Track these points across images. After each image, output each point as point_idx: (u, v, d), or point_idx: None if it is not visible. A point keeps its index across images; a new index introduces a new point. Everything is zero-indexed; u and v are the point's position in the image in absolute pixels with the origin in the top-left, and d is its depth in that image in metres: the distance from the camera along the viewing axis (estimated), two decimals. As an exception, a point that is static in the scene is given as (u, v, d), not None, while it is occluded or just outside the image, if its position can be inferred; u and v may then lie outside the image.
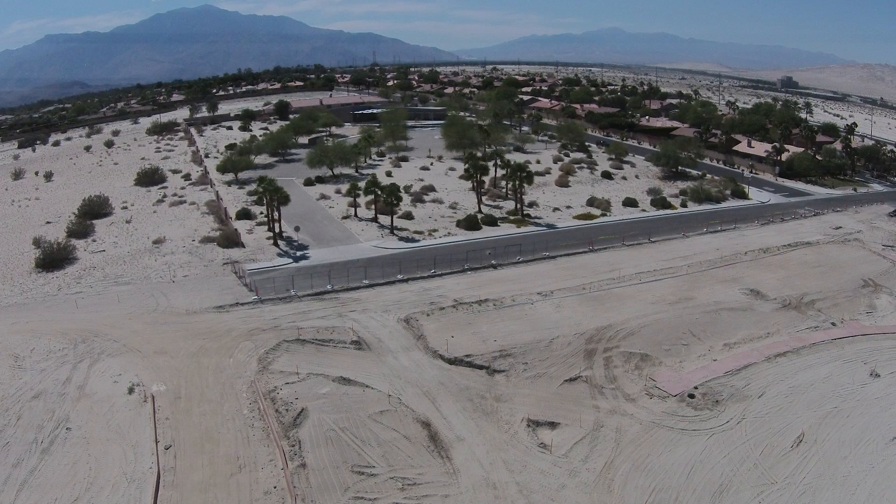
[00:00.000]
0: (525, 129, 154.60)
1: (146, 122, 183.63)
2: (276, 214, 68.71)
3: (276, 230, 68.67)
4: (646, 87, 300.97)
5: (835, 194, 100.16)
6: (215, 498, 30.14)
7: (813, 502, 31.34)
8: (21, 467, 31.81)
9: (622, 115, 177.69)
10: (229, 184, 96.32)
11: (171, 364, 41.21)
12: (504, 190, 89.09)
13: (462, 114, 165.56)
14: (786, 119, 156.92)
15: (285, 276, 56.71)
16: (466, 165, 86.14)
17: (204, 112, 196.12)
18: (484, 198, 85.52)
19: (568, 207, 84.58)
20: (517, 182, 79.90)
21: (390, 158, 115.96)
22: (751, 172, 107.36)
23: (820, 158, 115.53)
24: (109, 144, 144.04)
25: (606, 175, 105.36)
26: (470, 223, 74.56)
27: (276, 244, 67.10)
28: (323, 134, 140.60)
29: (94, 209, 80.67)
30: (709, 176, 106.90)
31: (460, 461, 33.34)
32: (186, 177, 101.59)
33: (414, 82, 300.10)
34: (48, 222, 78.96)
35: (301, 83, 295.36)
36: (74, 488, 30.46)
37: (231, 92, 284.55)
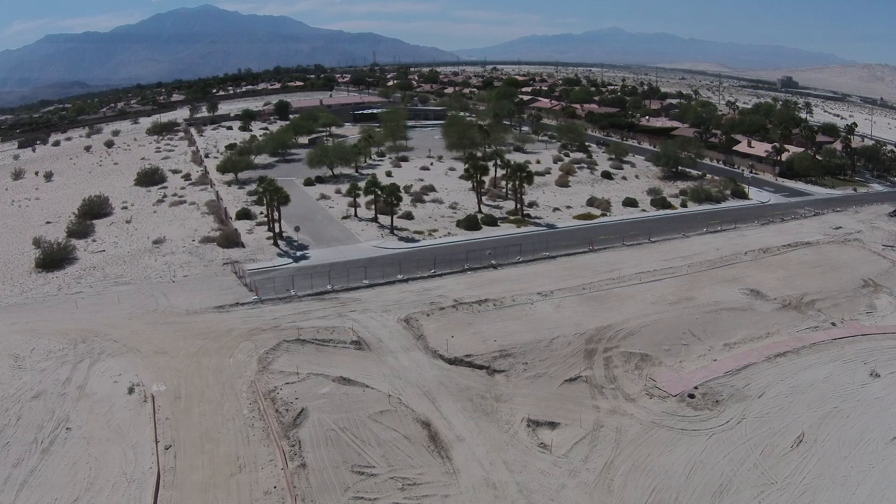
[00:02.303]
0: (525, 129, 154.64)
1: (146, 122, 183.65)
2: (276, 214, 68.70)
3: (276, 230, 68.67)
4: (646, 87, 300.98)
5: (835, 194, 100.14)
6: (215, 498, 30.14)
7: (813, 502, 31.34)
8: (21, 467, 31.80)
9: (622, 115, 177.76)
10: (229, 184, 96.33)
11: (171, 364, 41.21)
12: (504, 190, 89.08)
13: (462, 114, 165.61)
14: (786, 119, 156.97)
15: (285, 276, 56.71)
16: (466, 165, 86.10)
17: (204, 112, 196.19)
18: (484, 198, 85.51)
19: (568, 207, 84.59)
20: (517, 182, 79.91)
21: (390, 158, 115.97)
22: (751, 172, 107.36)
23: (820, 158, 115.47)
24: (109, 144, 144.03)
25: (606, 175, 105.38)
26: (470, 223, 74.56)
27: (276, 244, 67.10)
28: (323, 134, 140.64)
29: (94, 209, 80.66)
30: (709, 176, 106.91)
31: (460, 461, 33.34)
32: (186, 177, 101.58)
33: (414, 82, 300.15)
34: (48, 222, 78.95)
35: (301, 83, 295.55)
36: (74, 488, 30.46)
37: (231, 92, 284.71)
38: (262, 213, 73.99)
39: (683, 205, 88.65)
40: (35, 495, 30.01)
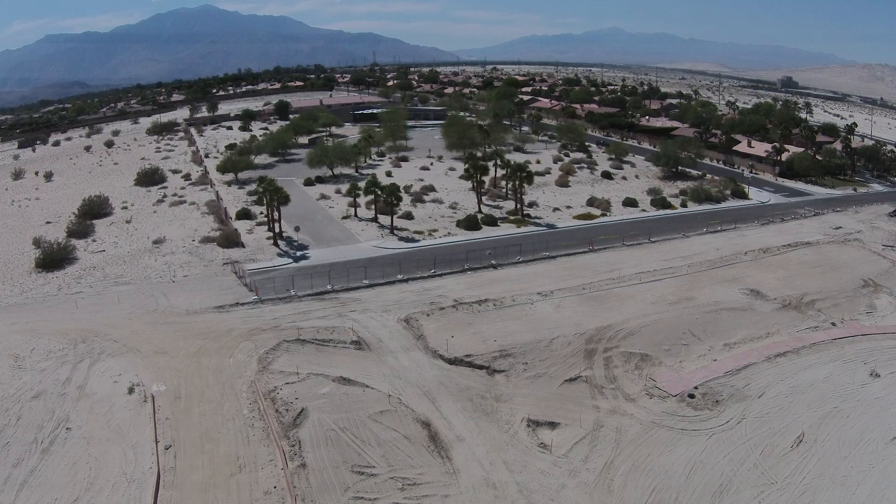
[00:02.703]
0: (525, 129, 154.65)
1: (146, 122, 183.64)
2: (276, 214, 68.71)
3: (276, 230, 68.67)
4: (646, 87, 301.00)
5: (835, 194, 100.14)
6: (215, 498, 30.14)
7: (813, 502, 31.34)
8: (21, 467, 31.80)
9: (622, 115, 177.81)
10: (229, 184, 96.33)
11: (171, 364, 41.21)
12: (504, 190, 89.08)
13: (462, 114, 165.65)
14: (786, 119, 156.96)
15: (285, 276, 56.71)
16: (466, 165, 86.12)
17: (204, 112, 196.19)
18: (484, 198, 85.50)
19: (568, 207, 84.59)
20: (517, 182, 79.91)
21: (390, 158, 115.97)
22: (751, 172, 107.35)
23: (820, 158, 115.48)
24: (109, 144, 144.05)
25: (606, 175, 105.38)
26: (470, 223, 74.56)
27: (276, 244, 67.10)
28: (323, 134, 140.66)
29: (94, 209, 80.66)
30: (709, 176, 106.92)
31: (460, 461, 33.34)
32: (186, 177, 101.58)
33: (414, 82, 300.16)
34: (48, 222, 78.95)
35: (301, 83, 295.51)
36: (74, 488, 30.46)
37: (231, 92, 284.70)
38: (262, 213, 73.99)
39: (683, 205, 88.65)
40: (35, 495, 30.01)
